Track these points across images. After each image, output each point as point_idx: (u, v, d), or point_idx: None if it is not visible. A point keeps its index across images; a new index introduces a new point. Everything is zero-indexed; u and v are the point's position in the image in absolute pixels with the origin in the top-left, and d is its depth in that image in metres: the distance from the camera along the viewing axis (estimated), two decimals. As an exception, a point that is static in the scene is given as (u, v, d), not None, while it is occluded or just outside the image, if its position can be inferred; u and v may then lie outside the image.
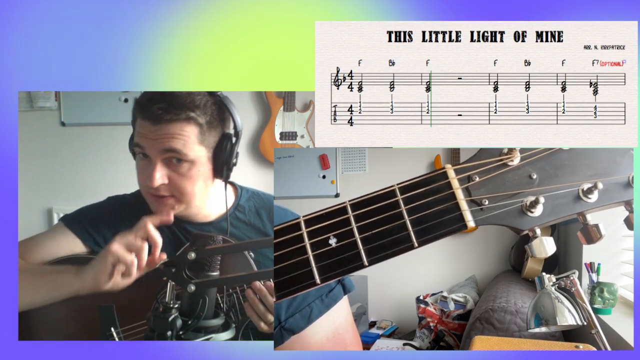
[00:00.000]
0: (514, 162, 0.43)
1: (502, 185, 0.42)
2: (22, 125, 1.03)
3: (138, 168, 0.95)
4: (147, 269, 0.82)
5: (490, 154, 0.43)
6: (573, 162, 0.42)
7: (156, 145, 0.89)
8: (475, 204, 0.42)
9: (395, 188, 0.42)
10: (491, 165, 0.42)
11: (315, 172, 2.74)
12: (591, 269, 1.68)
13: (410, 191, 0.42)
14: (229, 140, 0.95)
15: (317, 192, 2.71)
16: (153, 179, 0.88)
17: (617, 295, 1.58)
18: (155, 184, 0.89)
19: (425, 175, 0.42)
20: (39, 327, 1.00)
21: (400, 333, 2.53)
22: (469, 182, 0.42)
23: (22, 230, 1.00)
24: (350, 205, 0.42)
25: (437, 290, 2.41)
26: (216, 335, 0.73)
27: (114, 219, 1.00)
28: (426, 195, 0.42)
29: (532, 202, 0.41)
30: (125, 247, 0.81)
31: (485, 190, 0.42)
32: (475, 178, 0.42)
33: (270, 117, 2.37)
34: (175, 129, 0.89)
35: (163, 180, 0.90)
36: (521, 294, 1.75)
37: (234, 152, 0.95)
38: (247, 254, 0.92)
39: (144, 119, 0.89)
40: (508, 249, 2.62)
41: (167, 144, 0.89)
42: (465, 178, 0.42)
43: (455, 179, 0.42)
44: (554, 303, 1.02)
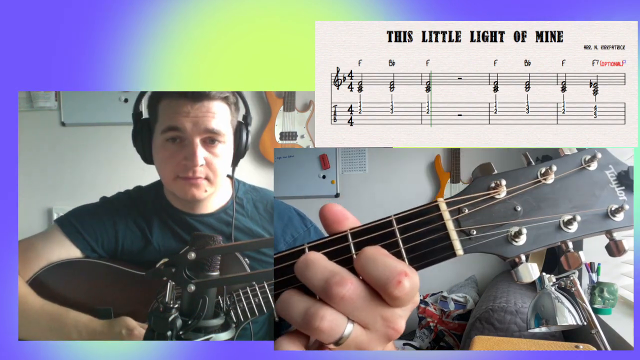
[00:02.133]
0: (501, 195, 0.46)
1: (489, 217, 0.46)
2: (22, 125, 1.03)
3: (164, 155, 0.93)
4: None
5: (479, 188, 0.47)
6: (555, 195, 0.46)
7: (198, 125, 0.88)
8: (464, 234, 0.46)
9: (392, 219, 0.45)
10: (479, 199, 0.46)
11: (315, 172, 2.74)
12: (591, 269, 1.68)
13: (405, 222, 0.45)
14: (246, 127, 0.97)
15: (317, 192, 2.71)
16: (196, 158, 0.88)
17: (617, 295, 1.58)
18: (198, 164, 0.88)
19: (419, 207, 0.46)
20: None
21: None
22: (459, 214, 0.46)
23: (22, 230, 1.00)
24: (351, 234, 0.44)
25: (437, 290, 2.41)
26: (216, 335, 0.73)
27: (109, 221, 0.99)
28: (420, 226, 0.45)
29: (516, 232, 0.46)
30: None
31: (474, 222, 0.46)
32: (465, 210, 0.46)
33: (270, 117, 2.37)
34: (215, 107, 0.89)
35: (202, 162, 0.90)
36: (521, 294, 1.75)
37: (247, 142, 0.97)
38: (242, 259, 0.92)
39: (180, 98, 0.88)
40: (508, 249, 2.62)
41: (208, 123, 0.88)
42: (456, 210, 0.46)
43: (447, 211, 0.45)
44: (554, 303, 1.02)
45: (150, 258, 0.95)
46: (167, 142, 0.92)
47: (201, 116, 0.88)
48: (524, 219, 0.46)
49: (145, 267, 0.90)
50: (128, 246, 0.98)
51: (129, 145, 1.02)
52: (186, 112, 0.88)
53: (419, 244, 0.45)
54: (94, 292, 0.94)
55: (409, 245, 0.45)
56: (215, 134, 0.90)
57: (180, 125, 0.89)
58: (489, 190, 0.46)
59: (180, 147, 0.91)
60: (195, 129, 0.89)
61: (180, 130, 0.90)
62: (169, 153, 0.92)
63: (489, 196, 0.46)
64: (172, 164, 0.92)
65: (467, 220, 0.46)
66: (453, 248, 0.45)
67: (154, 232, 0.99)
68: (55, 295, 0.95)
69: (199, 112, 0.88)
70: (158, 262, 0.89)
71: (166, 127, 0.90)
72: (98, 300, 0.96)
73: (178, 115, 0.89)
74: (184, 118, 0.89)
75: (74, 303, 0.93)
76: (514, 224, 0.46)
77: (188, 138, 0.90)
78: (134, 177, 1.15)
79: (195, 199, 0.93)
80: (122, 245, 0.99)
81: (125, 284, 0.95)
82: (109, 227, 0.98)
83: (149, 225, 0.99)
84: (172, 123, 0.90)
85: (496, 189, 0.46)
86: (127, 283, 0.95)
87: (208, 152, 0.91)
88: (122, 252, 0.98)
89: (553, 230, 0.46)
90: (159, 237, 0.98)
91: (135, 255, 0.98)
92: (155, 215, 1.00)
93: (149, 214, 1.00)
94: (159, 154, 0.94)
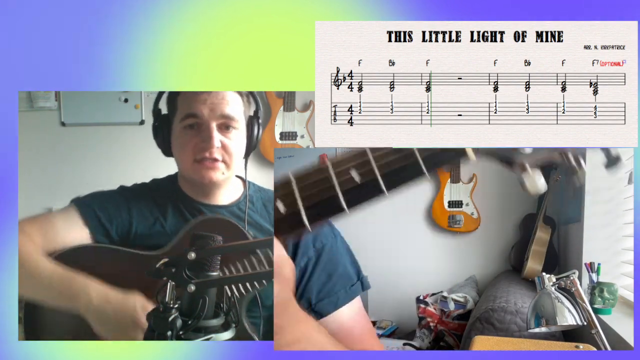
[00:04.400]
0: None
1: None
2: (22, 125, 1.03)
3: (183, 140, 0.99)
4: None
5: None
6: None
7: (215, 110, 0.95)
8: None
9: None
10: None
11: (315, 172, 2.74)
12: (591, 269, 1.68)
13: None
14: (257, 120, 1.02)
15: (317, 192, 2.71)
16: (212, 139, 0.95)
17: (617, 295, 1.58)
18: (216, 144, 0.96)
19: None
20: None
21: (400, 333, 2.53)
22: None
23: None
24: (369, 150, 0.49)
25: (437, 290, 2.41)
26: (216, 335, 0.73)
27: (124, 206, 1.02)
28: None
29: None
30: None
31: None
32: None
33: (270, 117, 2.37)
34: (229, 96, 0.97)
35: (218, 144, 0.96)
36: (521, 294, 1.76)
37: (259, 134, 1.03)
38: (243, 229, 0.96)
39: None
40: (508, 249, 2.62)
41: (223, 109, 0.95)
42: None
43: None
44: (554, 303, 1.02)
45: (162, 243, 0.98)
46: (186, 129, 0.98)
47: (217, 103, 0.95)
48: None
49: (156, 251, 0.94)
50: (141, 231, 1.01)
51: (129, 145, 1.04)
52: (203, 100, 0.95)
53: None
54: (107, 279, 0.93)
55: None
56: (230, 120, 0.97)
57: (197, 112, 0.96)
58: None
59: (198, 132, 0.97)
60: (212, 114, 0.96)
61: (198, 117, 0.96)
62: (188, 138, 0.98)
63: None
64: (190, 148, 0.98)
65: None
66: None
67: (168, 219, 1.02)
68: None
69: (215, 99, 0.95)
70: (169, 248, 0.92)
71: (185, 114, 0.97)
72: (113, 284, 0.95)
73: (196, 102, 0.96)
74: (201, 105, 0.95)
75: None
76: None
77: (205, 123, 0.96)
78: (134, 176, 1.15)
79: (213, 182, 0.99)
80: (136, 230, 1.01)
81: (137, 268, 0.95)
82: (123, 211, 1.02)
83: (164, 212, 1.03)
84: (190, 110, 0.96)
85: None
86: (139, 267, 0.95)
87: (224, 136, 0.98)
88: (134, 237, 1.01)
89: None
90: (172, 224, 1.01)
91: (147, 240, 1.00)
92: (170, 203, 1.04)
93: (164, 202, 1.04)
94: (177, 140, 1.00)
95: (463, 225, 2.63)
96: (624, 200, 1.70)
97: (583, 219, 1.82)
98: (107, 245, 1.00)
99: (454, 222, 2.61)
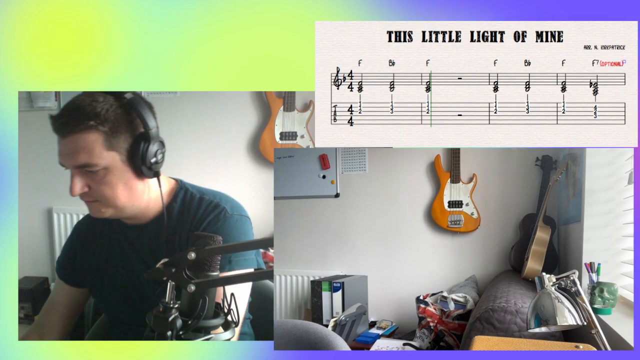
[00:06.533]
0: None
1: None
2: (22, 125, 1.03)
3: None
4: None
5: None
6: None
7: (69, 160, 0.93)
8: None
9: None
10: None
11: (315, 172, 2.74)
12: (591, 269, 1.68)
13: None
14: (142, 141, 0.96)
15: (317, 192, 2.71)
16: (72, 190, 0.94)
17: (617, 295, 1.58)
18: (75, 194, 0.95)
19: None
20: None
21: (400, 333, 2.53)
22: None
23: (22, 230, 1.00)
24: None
25: (437, 290, 2.41)
26: (216, 335, 0.73)
27: (87, 252, 1.09)
28: None
29: None
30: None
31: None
32: None
33: (270, 117, 2.37)
34: (79, 141, 0.92)
35: (83, 190, 0.95)
36: (521, 294, 1.75)
37: (150, 152, 0.97)
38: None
39: (56, 135, 0.94)
40: (508, 249, 2.62)
41: (76, 158, 0.93)
42: None
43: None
44: (554, 303, 1.02)
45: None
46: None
47: (71, 153, 0.93)
48: None
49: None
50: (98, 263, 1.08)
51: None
52: (61, 149, 0.94)
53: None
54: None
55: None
56: (87, 166, 0.94)
57: (61, 161, 0.96)
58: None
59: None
60: (69, 164, 0.95)
61: (64, 165, 0.96)
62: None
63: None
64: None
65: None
66: None
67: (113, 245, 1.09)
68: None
69: (68, 148, 0.93)
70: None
71: (59, 161, 0.97)
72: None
73: (59, 153, 0.95)
74: (61, 155, 0.95)
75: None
76: None
77: (69, 169, 0.95)
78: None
79: (99, 217, 1.00)
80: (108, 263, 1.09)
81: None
82: (88, 257, 1.09)
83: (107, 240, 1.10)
84: (59, 159, 0.96)
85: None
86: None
87: (91, 180, 0.95)
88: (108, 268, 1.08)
89: None
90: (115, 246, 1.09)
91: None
92: (105, 229, 1.10)
93: (103, 228, 1.11)
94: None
95: (463, 225, 2.63)
96: (624, 201, 1.70)
97: (583, 219, 1.82)
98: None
99: (454, 222, 2.61)
